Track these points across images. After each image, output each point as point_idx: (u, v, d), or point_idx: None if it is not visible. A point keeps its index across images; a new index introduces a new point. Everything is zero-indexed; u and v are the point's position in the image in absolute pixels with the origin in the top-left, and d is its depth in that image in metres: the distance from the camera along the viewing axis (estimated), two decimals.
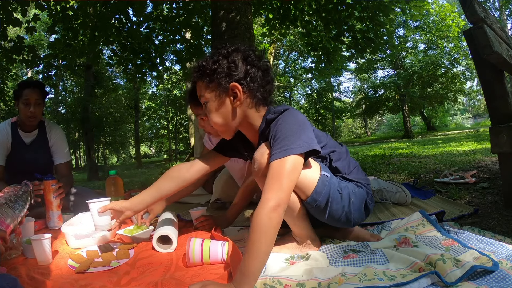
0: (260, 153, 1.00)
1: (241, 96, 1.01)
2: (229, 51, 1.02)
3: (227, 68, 1.00)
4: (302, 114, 1.06)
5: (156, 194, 1.20)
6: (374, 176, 2.85)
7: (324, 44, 5.03)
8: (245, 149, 1.22)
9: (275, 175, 0.90)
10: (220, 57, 1.02)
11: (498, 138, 1.39)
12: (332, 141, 1.21)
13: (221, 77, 1.00)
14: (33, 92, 1.92)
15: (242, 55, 1.02)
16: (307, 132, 0.98)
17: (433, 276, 0.84)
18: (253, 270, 0.83)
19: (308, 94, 24.85)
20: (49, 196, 1.64)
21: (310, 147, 0.95)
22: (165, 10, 4.77)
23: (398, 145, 9.14)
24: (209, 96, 1.04)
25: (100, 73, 13.93)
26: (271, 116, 1.03)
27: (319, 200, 1.03)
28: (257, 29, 10.67)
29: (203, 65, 1.03)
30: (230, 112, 1.04)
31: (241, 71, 1.01)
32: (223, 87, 1.01)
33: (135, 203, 1.19)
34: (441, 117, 25.65)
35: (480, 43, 1.32)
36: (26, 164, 1.96)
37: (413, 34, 18.15)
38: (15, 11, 3.78)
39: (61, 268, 1.12)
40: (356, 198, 1.10)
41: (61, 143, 2.08)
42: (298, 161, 0.93)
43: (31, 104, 1.91)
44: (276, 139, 0.96)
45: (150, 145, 31.02)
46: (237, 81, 1.00)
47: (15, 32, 8.25)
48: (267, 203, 0.86)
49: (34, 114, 1.94)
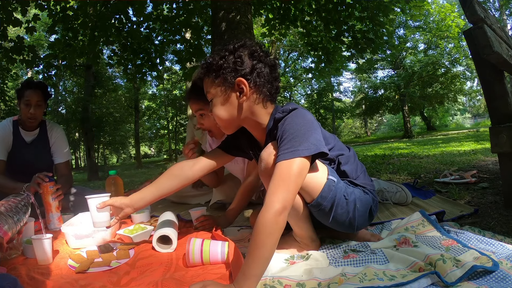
0: (267, 152, 0.98)
1: (247, 91, 1.01)
2: (236, 46, 1.02)
3: (233, 63, 1.00)
4: (311, 114, 1.04)
5: (156, 192, 1.17)
6: (374, 176, 2.85)
7: (324, 44, 5.03)
8: (251, 148, 1.20)
9: (281, 177, 0.89)
10: (226, 52, 1.01)
11: (498, 138, 1.39)
12: (340, 143, 1.19)
13: (227, 72, 1.00)
14: (34, 93, 1.92)
15: (248, 51, 1.02)
16: (315, 134, 0.96)
17: (433, 276, 0.84)
18: (255, 272, 0.83)
19: (308, 94, 24.84)
20: (47, 198, 1.61)
21: (318, 149, 0.93)
22: (165, 10, 4.77)
23: (398, 145, 9.14)
24: (215, 92, 1.04)
25: (100, 73, 13.93)
26: (279, 115, 1.02)
27: (323, 205, 1.02)
28: (257, 29, 10.67)
29: (210, 61, 1.03)
30: (236, 107, 1.03)
31: (248, 66, 1.00)
32: (229, 82, 1.00)
33: (135, 200, 1.16)
34: (441, 117, 25.66)
35: (480, 43, 1.32)
36: (26, 163, 1.96)
37: (413, 34, 18.15)
38: (15, 11, 3.78)
39: (61, 268, 1.12)
40: (362, 205, 1.09)
41: (61, 143, 2.09)
42: (305, 163, 0.92)
43: (31, 105, 1.91)
44: (284, 139, 0.94)
45: (150, 145, 31.01)
46: (243, 76, 1.00)
47: (15, 32, 8.24)
48: (273, 206, 0.85)
49: (34, 116, 1.94)
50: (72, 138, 19.88)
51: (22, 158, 1.97)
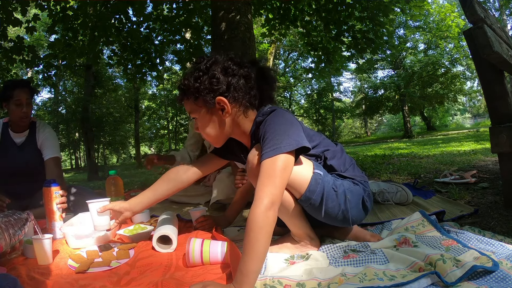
0: (252, 154, 1.02)
1: (228, 108, 1.04)
2: (208, 65, 1.04)
3: (209, 83, 1.02)
4: (290, 113, 1.07)
5: (153, 196, 1.24)
6: (374, 176, 2.85)
7: (324, 44, 5.03)
8: (242, 152, 1.23)
9: (267, 173, 0.91)
10: (200, 73, 1.03)
11: (498, 138, 1.39)
12: (327, 140, 1.21)
13: (205, 94, 1.02)
14: (23, 91, 1.89)
15: (221, 67, 1.04)
16: (296, 131, 0.99)
17: (433, 276, 0.84)
18: (252, 269, 0.83)
19: (308, 94, 24.83)
20: (51, 205, 1.45)
21: (299, 144, 0.96)
22: (165, 10, 4.78)
23: (398, 145, 9.14)
24: (197, 113, 1.07)
25: (100, 73, 13.93)
26: (260, 118, 1.06)
27: (313, 199, 1.04)
28: (257, 29, 10.67)
29: (185, 84, 1.05)
30: (221, 124, 1.08)
31: (223, 84, 1.02)
32: (209, 103, 1.03)
33: (133, 204, 1.23)
34: (441, 117, 25.66)
35: (480, 43, 1.32)
36: (17, 165, 1.93)
37: (413, 34, 18.15)
38: (15, 11, 3.78)
39: (61, 268, 1.12)
40: (353, 196, 1.10)
41: (48, 140, 2.00)
42: (289, 159, 0.94)
43: (23, 104, 1.88)
44: (266, 139, 0.97)
45: (150, 145, 31.00)
46: (221, 95, 1.02)
47: (15, 32, 8.25)
48: (261, 202, 0.87)
49: (27, 114, 1.91)
50: (72, 138, 19.87)
51: (13, 160, 1.93)
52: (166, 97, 21.58)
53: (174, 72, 18.88)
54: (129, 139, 23.24)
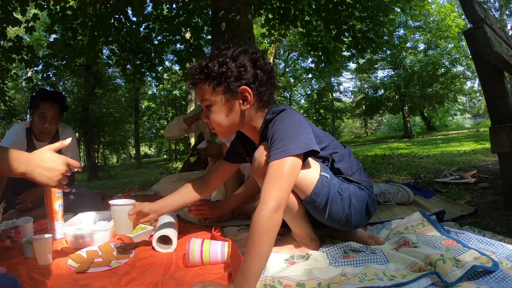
0: (259, 152, 1.01)
1: (251, 100, 1.02)
2: (237, 53, 1.01)
3: (237, 71, 0.99)
4: (300, 114, 1.06)
5: (181, 200, 1.27)
6: (374, 176, 2.85)
7: (324, 44, 5.03)
8: (247, 154, 1.24)
9: (274, 175, 0.90)
10: (227, 59, 0.99)
11: (498, 138, 1.39)
12: (335, 142, 1.20)
13: (231, 81, 0.99)
14: (51, 107, 1.76)
15: (250, 58, 1.02)
16: (305, 133, 0.98)
17: (433, 276, 0.84)
18: (254, 271, 0.83)
19: (308, 94, 24.84)
20: (53, 205, 1.44)
21: (308, 147, 0.95)
22: (165, 10, 4.78)
23: (398, 145, 9.13)
24: (214, 100, 1.02)
25: (100, 73, 13.93)
26: (269, 117, 1.04)
27: (318, 201, 1.03)
28: (257, 29, 10.67)
29: (208, 67, 1.00)
30: (238, 115, 1.04)
31: (251, 75, 1.00)
32: (232, 91, 1.00)
33: (161, 206, 1.24)
34: (441, 117, 25.67)
35: (480, 43, 1.32)
36: None
37: (413, 34, 18.14)
38: (15, 10, 3.78)
39: (61, 268, 1.12)
40: (357, 201, 1.09)
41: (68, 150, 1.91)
42: (296, 161, 0.93)
43: (47, 120, 1.76)
44: (274, 140, 0.96)
45: (150, 145, 31.01)
46: (247, 85, 1.00)
47: (14, 32, 8.23)
48: (267, 204, 0.86)
49: (48, 131, 1.79)
50: None
51: None
52: (166, 97, 21.58)
53: (174, 72, 18.89)
54: (129, 139, 23.24)
